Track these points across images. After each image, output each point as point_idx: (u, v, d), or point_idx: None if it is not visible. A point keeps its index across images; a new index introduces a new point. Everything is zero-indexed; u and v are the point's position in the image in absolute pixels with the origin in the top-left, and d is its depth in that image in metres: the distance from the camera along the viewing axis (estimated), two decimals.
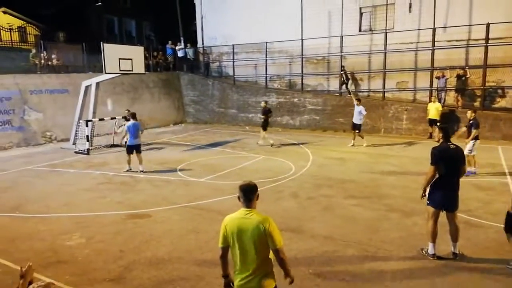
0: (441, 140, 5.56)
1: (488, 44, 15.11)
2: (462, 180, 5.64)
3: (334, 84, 19.37)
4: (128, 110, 14.28)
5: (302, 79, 19.76)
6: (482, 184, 9.08)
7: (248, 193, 3.20)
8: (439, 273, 5.14)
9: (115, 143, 14.96)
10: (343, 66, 18.63)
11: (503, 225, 5.37)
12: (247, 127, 19.94)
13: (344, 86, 18.56)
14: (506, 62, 15.23)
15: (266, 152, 13.46)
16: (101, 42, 13.03)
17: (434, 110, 15.18)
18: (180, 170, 11.12)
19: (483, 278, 5.02)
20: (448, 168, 5.40)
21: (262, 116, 14.67)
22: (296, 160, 12.09)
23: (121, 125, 14.24)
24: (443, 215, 5.59)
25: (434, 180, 5.49)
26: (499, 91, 16.22)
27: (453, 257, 5.53)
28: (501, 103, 16.17)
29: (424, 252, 5.65)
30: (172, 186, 9.59)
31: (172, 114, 22.41)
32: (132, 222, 7.23)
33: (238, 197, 3.24)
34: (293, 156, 12.67)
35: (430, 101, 15.73)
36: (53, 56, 18.85)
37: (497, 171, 10.40)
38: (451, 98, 16.58)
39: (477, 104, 16.13)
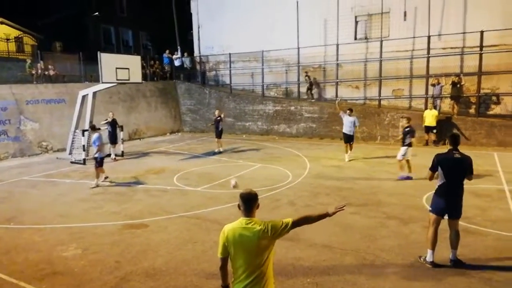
0: (448, 147, 5.60)
1: (482, 52, 15.26)
2: None
3: (330, 91, 19.48)
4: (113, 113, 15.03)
5: (299, 87, 19.85)
6: (479, 191, 9.09)
7: (249, 202, 3.16)
8: (438, 281, 5.12)
9: (111, 153, 14.89)
10: (306, 73, 19.33)
11: (499, 232, 5.37)
12: (244, 136, 19.95)
13: (308, 92, 19.39)
14: (501, 69, 15.36)
15: (263, 160, 13.45)
16: (98, 52, 13.06)
17: (430, 117, 15.29)
18: (177, 179, 11.09)
19: (482, 285, 5.00)
20: (448, 176, 5.42)
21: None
22: (294, 168, 12.08)
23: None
24: (443, 222, 5.60)
25: (437, 187, 5.55)
26: (494, 98, 16.32)
27: (451, 264, 5.52)
28: (496, 110, 16.27)
29: (422, 259, 5.64)
30: (168, 196, 9.54)
31: (169, 123, 22.41)
32: (129, 232, 7.17)
33: (238, 206, 3.19)
34: (290, 164, 12.66)
35: (427, 108, 15.82)
36: (49, 66, 18.87)
37: (494, 178, 10.43)
38: (446, 105, 16.68)
39: (472, 111, 16.24)
